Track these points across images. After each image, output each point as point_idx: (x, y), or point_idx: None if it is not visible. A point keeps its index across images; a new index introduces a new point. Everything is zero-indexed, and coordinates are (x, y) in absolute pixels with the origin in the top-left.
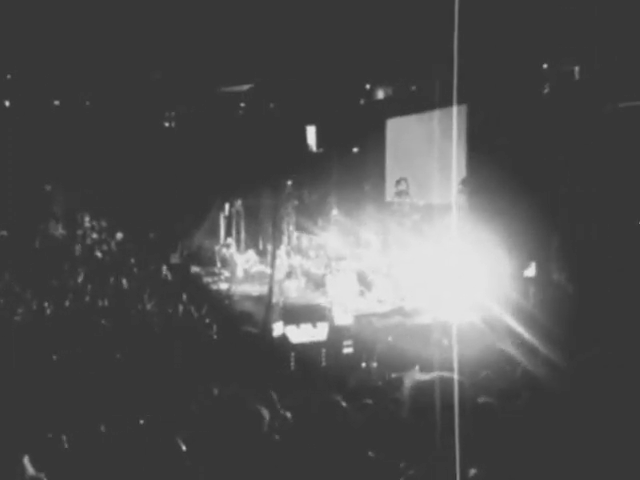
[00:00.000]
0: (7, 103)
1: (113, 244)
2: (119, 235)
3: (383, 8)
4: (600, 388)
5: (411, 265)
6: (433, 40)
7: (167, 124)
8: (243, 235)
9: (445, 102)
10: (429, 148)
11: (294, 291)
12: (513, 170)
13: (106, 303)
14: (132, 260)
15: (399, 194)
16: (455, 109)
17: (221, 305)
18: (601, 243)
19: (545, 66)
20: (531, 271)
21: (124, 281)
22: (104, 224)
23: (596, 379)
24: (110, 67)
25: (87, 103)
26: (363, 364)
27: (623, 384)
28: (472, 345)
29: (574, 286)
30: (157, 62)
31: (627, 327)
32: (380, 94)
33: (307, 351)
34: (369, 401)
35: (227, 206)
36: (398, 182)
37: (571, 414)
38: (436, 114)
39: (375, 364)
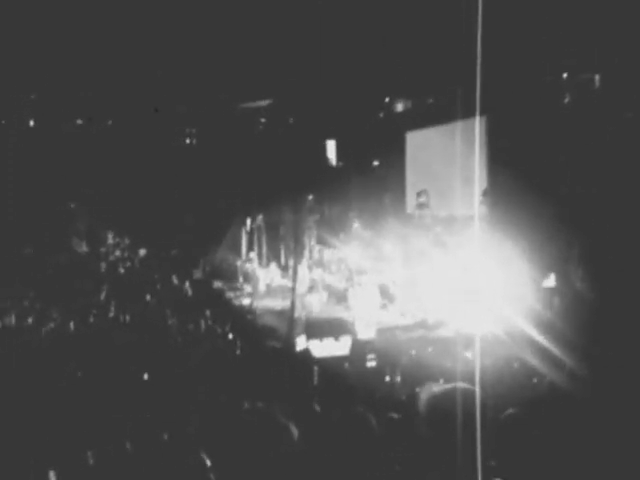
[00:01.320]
0: (32, 122)
1: (136, 261)
2: (142, 252)
3: (401, 20)
4: (624, 399)
5: (433, 277)
6: (453, 51)
7: (188, 141)
8: (265, 250)
9: (465, 114)
10: (450, 160)
11: (316, 305)
12: (534, 180)
13: (128, 319)
14: (155, 276)
15: (420, 206)
16: (477, 120)
17: (244, 320)
18: (624, 253)
19: (565, 75)
20: (552, 281)
21: (147, 297)
22: (127, 241)
23: (620, 389)
24: (133, 87)
25: (110, 122)
26: (387, 378)
27: None
28: (495, 357)
29: (596, 296)
30: (180, 78)
31: None
32: (399, 107)
33: (330, 365)
34: (394, 415)
35: (249, 221)
36: (419, 194)
37: (596, 425)
38: (457, 126)
39: (399, 378)
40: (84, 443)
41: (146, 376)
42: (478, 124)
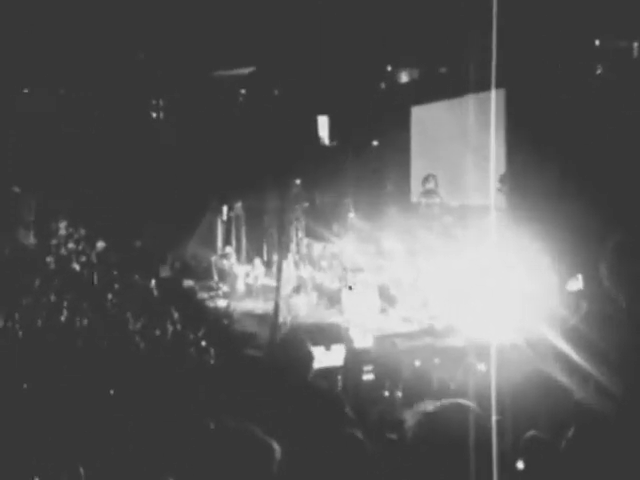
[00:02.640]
0: None
1: (93, 255)
2: (100, 244)
3: None
4: None
5: (441, 277)
6: (467, 11)
7: (154, 114)
8: (244, 243)
9: (481, 86)
10: (462, 140)
11: (304, 308)
12: (561, 165)
13: (85, 323)
14: (115, 273)
15: (427, 194)
16: (493, 94)
17: (219, 325)
18: None
19: (598, 42)
20: (580, 283)
21: (106, 298)
22: (82, 232)
23: None
24: (86, 46)
25: (61, 91)
26: (386, 393)
27: None
28: (514, 371)
29: (631, 301)
30: (141, 40)
31: None
32: (404, 77)
33: (320, 378)
34: (393, 436)
35: (225, 209)
36: (426, 180)
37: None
38: (470, 100)
39: (400, 393)
40: (27, 465)
41: (107, 390)
42: (494, 98)
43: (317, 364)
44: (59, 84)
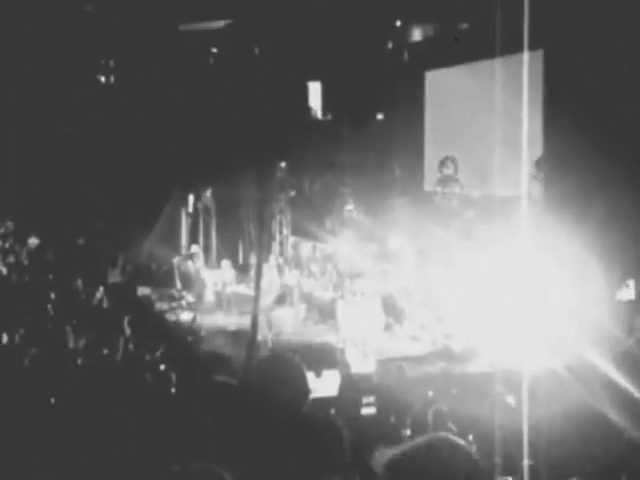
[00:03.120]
0: None
1: (23, 254)
2: (33, 241)
3: None
4: None
5: (460, 286)
6: None
7: (103, 78)
8: (214, 241)
9: (511, 46)
10: (487, 114)
11: (289, 323)
12: (610, 147)
13: (13, 339)
14: (52, 277)
15: (444, 181)
16: (526, 57)
17: (183, 344)
18: None
19: None
20: (632, 292)
21: (40, 308)
22: (10, 226)
23: None
24: None
25: None
26: (391, 432)
27: None
28: (551, 405)
29: None
30: None
31: None
32: (416, 35)
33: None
34: None
35: (191, 199)
36: (442, 163)
37: None
38: (497, 64)
39: (409, 432)
40: None
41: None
42: (528, 62)
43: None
44: None
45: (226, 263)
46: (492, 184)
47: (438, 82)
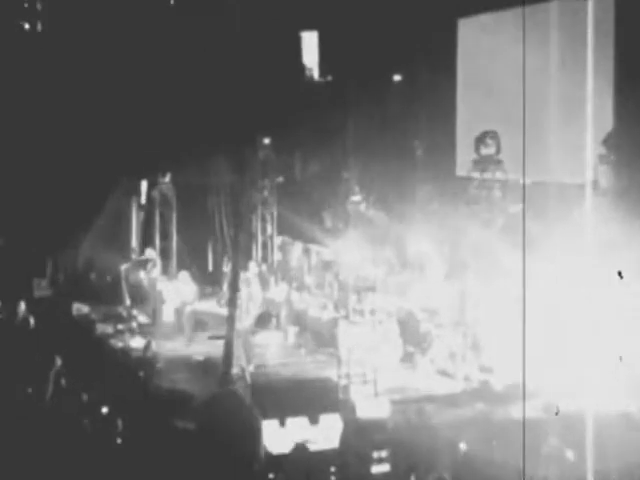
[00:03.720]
0: None
1: None
2: None
3: None
4: None
5: (505, 304)
6: None
7: (27, 25)
8: (175, 243)
9: None
10: (539, 76)
11: (275, 352)
12: None
13: None
14: None
15: (482, 164)
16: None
17: (132, 379)
18: None
19: None
20: None
21: None
22: None
23: None
24: None
25: None
26: None
27: None
28: (625, 458)
29: None
30: None
31: None
32: None
33: (301, 470)
34: None
35: (144, 187)
36: (480, 141)
37: None
38: (552, 9)
39: None
40: None
41: None
42: (592, 7)
43: (292, 446)
44: None
45: (184, 275)
46: (546, 168)
47: (474, 34)
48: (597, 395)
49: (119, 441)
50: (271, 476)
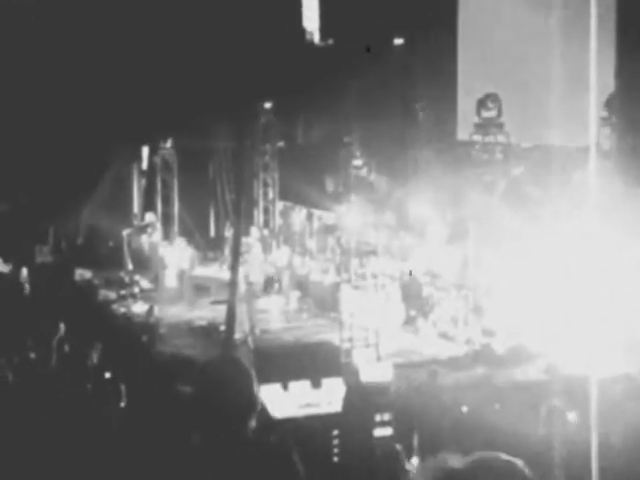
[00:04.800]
0: None
1: None
2: None
3: None
4: None
5: (505, 267)
6: None
7: None
8: (176, 208)
9: None
10: (540, 37)
11: (277, 316)
12: None
13: None
14: None
15: (484, 127)
16: None
17: (135, 344)
18: None
19: None
20: None
21: None
22: None
23: None
24: None
25: None
26: (414, 460)
27: None
28: (626, 422)
29: None
30: None
31: None
32: None
33: (304, 435)
34: None
35: (145, 153)
36: (482, 104)
37: None
38: None
39: (440, 464)
40: None
41: None
42: None
43: (297, 411)
44: None
45: (180, 241)
46: (547, 131)
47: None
48: (598, 358)
49: (122, 405)
50: (273, 440)
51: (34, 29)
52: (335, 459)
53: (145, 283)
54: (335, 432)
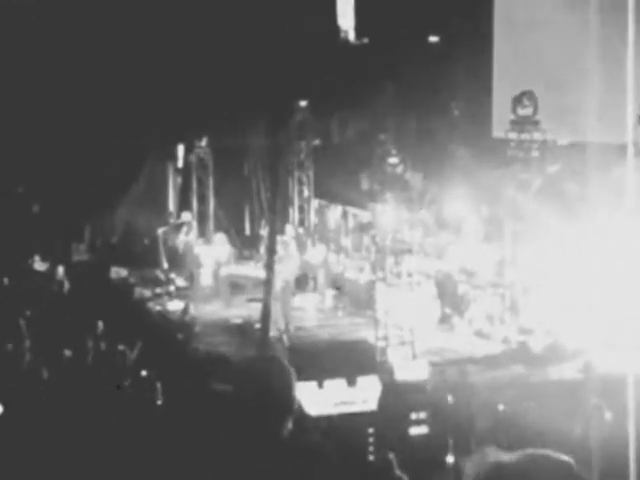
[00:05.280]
0: None
1: None
2: None
3: None
4: None
5: (542, 266)
6: None
7: None
8: (212, 207)
9: None
10: (577, 33)
11: (312, 315)
12: None
13: None
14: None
15: (520, 125)
16: None
17: (171, 342)
18: None
19: None
20: None
21: None
22: None
23: None
24: None
25: None
26: (449, 459)
27: None
28: None
29: None
30: None
31: None
32: None
33: (339, 433)
34: None
35: (181, 151)
36: (518, 101)
37: None
38: None
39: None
40: None
41: None
42: None
43: (332, 409)
44: None
45: (221, 237)
46: (584, 128)
47: None
48: (637, 356)
49: (159, 403)
50: (309, 439)
51: (69, 28)
52: (370, 457)
53: (180, 281)
54: (370, 430)
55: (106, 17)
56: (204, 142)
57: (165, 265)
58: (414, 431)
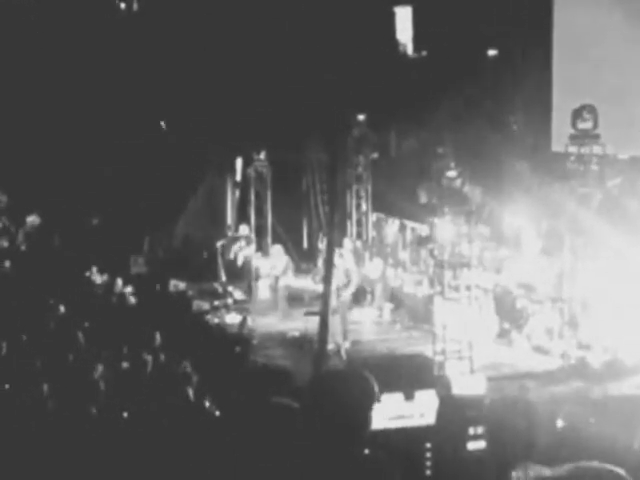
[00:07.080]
0: None
1: (21, 235)
2: (32, 220)
3: None
4: None
5: (603, 280)
6: None
7: (123, 4)
8: (270, 220)
9: None
10: (636, 46)
11: (370, 328)
12: None
13: (10, 346)
14: (58, 265)
15: (580, 139)
16: None
17: (229, 355)
18: None
19: None
20: None
21: (43, 305)
22: (3, 200)
23: None
24: None
25: None
26: (513, 475)
27: None
28: None
29: None
30: None
31: None
32: None
33: (396, 447)
34: None
35: (239, 165)
36: (578, 114)
37: None
38: None
39: (532, 473)
40: None
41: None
42: None
43: (389, 423)
44: None
45: (278, 249)
46: None
47: (571, 6)
48: None
49: (217, 415)
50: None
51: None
52: (428, 472)
53: (238, 294)
54: (427, 445)
55: (159, 30)
56: (262, 155)
57: (223, 278)
58: (472, 446)
